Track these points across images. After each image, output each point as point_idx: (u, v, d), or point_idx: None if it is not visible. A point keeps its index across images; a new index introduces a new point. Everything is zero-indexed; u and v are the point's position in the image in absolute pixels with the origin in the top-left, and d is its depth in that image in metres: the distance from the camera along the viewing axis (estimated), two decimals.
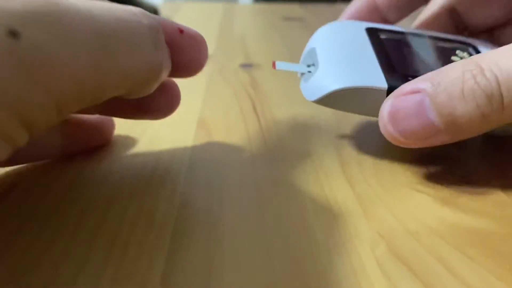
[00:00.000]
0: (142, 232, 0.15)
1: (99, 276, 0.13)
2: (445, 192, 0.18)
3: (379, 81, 0.19)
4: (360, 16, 0.26)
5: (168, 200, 0.17)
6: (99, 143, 0.21)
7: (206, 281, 0.13)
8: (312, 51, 0.21)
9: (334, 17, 0.27)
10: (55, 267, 0.13)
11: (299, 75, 0.22)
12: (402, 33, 0.23)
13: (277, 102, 0.27)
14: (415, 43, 0.23)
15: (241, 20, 0.60)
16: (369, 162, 0.20)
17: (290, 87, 0.31)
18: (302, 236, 0.15)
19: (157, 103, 0.19)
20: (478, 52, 0.23)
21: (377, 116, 0.18)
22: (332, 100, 0.19)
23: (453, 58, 0.22)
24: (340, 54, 0.20)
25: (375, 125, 0.22)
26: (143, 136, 0.22)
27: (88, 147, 0.20)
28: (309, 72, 0.21)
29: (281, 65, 0.21)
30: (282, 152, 0.21)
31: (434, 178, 0.19)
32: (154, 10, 0.46)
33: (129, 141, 0.22)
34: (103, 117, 0.20)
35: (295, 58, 0.39)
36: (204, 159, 0.20)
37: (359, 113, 0.20)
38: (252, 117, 0.25)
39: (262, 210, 0.16)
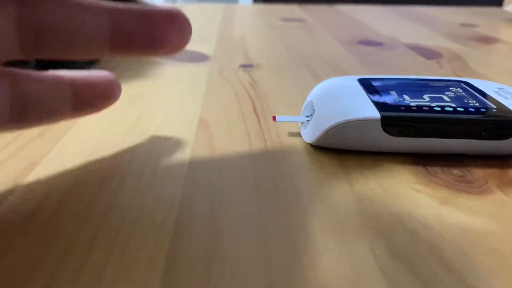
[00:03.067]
0: (143, 232, 0.15)
1: (99, 276, 0.13)
2: (443, 191, 0.18)
3: (372, 112, 0.20)
4: None
5: (168, 200, 0.17)
6: (106, 104, 0.20)
7: (207, 280, 0.13)
8: (309, 104, 0.23)
9: (333, 18, 0.27)
10: (55, 267, 0.13)
11: (299, 125, 0.24)
12: (393, 79, 0.25)
13: (277, 102, 0.28)
14: (407, 85, 0.24)
15: (241, 20, 0.60)
16: (368, 161, 0.20)
17: (290, 87, 0.31)
18: (301, 235, 0.15)
19: (167, 35, 0.17)
20: (471, 86, 0.24)
21: (377, 149, 0.20)
22: (330, 138, 0.20)
23: (446, 93, 0.23)
24: (334, 100, 0.22)
25: None
26: (143, 136, 0.22)
27: (95, 107, 0.20)
28: (308, 120, 0.22)
29: (281, 118, 0.23)
30: (282, 152, 0.21)
31: (432, 177, 0.19)
32: None
33: (130, 141, 0.22)
34: (110, 77, 0.20)
35: (294, 58, 0.39)
36: (204, 159, 0.20)
37: (360, 149, 0.21)
38: (252, 117, 0.25)
39: (261, 210, 0.16)
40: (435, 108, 0.20)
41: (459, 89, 0.23)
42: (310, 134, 0.21)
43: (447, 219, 0.16)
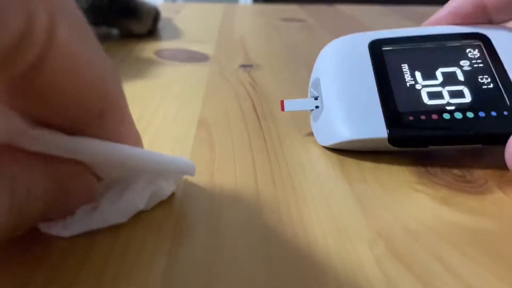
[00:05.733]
0: (143, 231, 0.15)
1: (100, 276, 0.13)
2: (443, 191, 0.18)
3: (381, 131, 0.20)
4: (463, 13, 0.23)
5: (168, 200, 0.17)
6: None
7: (207, 280, 0.13)
8: (316, 82, 0.23)
9: (333, 18, 0.27)
10: (55, 266, 0.13)
11: (309, 112, 0.23)
12: (405, 40, 0.23)
13: (277, 102, 0.28)
14: (420, 54, 0.22)
15: (241, 20, 0.60)
16: (368, 161, 0.20)
17: (290, 87, 0.31)
18: (301, 235, 0.15)
19: None
20: (490, 45, 0.22)
21: (381, 149, 0.20)
22: (339, 144, 0.21)
23: (462, 63, 0.21)
24: (343, 95, 0.21)
25: None
26: (143, 136, 0.22)
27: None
28: (317, 107, 0.22)
29: (289, 106, 0.23)
30: (282, 151, 0.21)
31: (432, 177, 0.19)
32: (155, 11, 0.46)
33: None
34: None
35: (294, 59, 0.39)
36: (204, 159, 0.20)
37: (365, 150, 0.21)
38: (252, 117, 0.25)
39: (262, 209, 0.16)
40: (446, 119, 0.19)
41: (476, 52, 0.22)
42: (321, 138, 0.22)
43: (447, 219, 0.16)
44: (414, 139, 0.20)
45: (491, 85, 0.20)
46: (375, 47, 0.23)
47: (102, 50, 0.13)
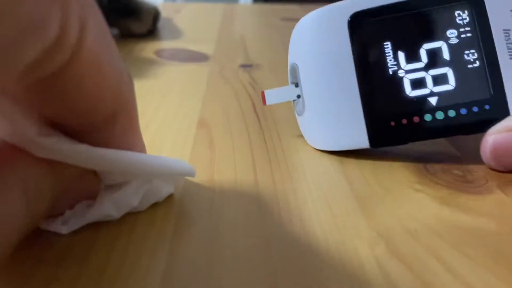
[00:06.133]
0: (143, 232, 0.15)
1: (100, 276, 0.13)
2: (444, 191, 0.18)
3: (362, 141, 0.20)
4: None
5: (168, 200, 0.17)
6: None
7: (207, 280, 0.13)
8: (294, 69, 0.22)
9: None
10: (56, 267, 0.13)
11: (292, 103, 0.23)
12: (389, 18, 0.20)
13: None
14: (405, 30, 0.20)
15: (241, 20, 0.60)
16: (368, 161, 0.20)
17: None
18: (301, 235, 0.15)
19: None
20: (481, 4, 0.20)
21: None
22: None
23: (449, 34, 0.20)
24: (322, 91, 0.21)
25: None
26: (144, 136, 0.22)
27: None
28: (298, 96, 0.22)
29: (270, 97, 0.22)
30: (282, 151, 0.21)
31: (432, 177, 0.19)
32: (155, 11, 0.46)
33: None
34: None
35: None
36: (204, 159, 0.20)
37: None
38: (252, 117, 0.25)
39: (262, 209, 0.16)
40: (428, 121, 0.20)
41: (465, 15, 0.20)
42: (307, 137, 0.22)
43: (447, 219, 0.16)
44: (396, 143, 0.21)
45: (477, 63, 0.20)
46: (355, 25, 0.20)
47: (117, 50, 0.13)
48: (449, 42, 0.20)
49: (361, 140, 0.20)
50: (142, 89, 0.30)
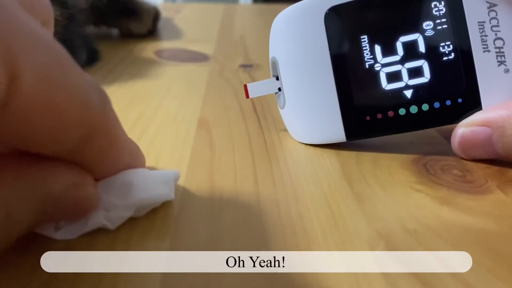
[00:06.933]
0: (143, 231, 0.15)
1: (100, 276, 0.13)
2: (443, 191, 0.18)
3: (339, 136, 0.21)
4: None
5: (168, 199, 0.17)
6: None
7: (207, 280, 0.13)
8: (274, 63, 0.22)
9: None
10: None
11: (275, 96, 0.23)
12: (366, 11, 0.20)
13: (277, 102, 0.28)
14: (382, 22, 0.20)
15: (241, 20, 0.60)
16: (368, 161, 0.20)
17: None
18: (301, 235, 0.15)
19: None
20: (458, 9, 0.20)
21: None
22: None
23: (425, 25, 0.20)
24: (301, 86, 0.21)
25: None
26: (144, 136, 0.22)
27: None
28: (279, 89, 0.22)
29: (253, 90, 0.23)
30: (282, 151, 0.21)
31: (432, 177, 0.19)
32: (155, 11, 0.46)
33: None
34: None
35: None
36: (204, 159, 0.20)
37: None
38: (252, 117, 0.25)
39: (261, 209, 0.16)
40: (402, 115, 0.20)
41: (442, 6, 0.20)
42: (288, 128, 0.23)
43: (447, 219, 0.16)
44: (371, 136, 0.21)
45: (452, 55, 0.20)
46: (331, 19, 0.20)
47: (84, 78, 0.12)
48: (425, 34, 0.20)
49: (338, 134, 0.21)
50: (142, 89, 0.30)
